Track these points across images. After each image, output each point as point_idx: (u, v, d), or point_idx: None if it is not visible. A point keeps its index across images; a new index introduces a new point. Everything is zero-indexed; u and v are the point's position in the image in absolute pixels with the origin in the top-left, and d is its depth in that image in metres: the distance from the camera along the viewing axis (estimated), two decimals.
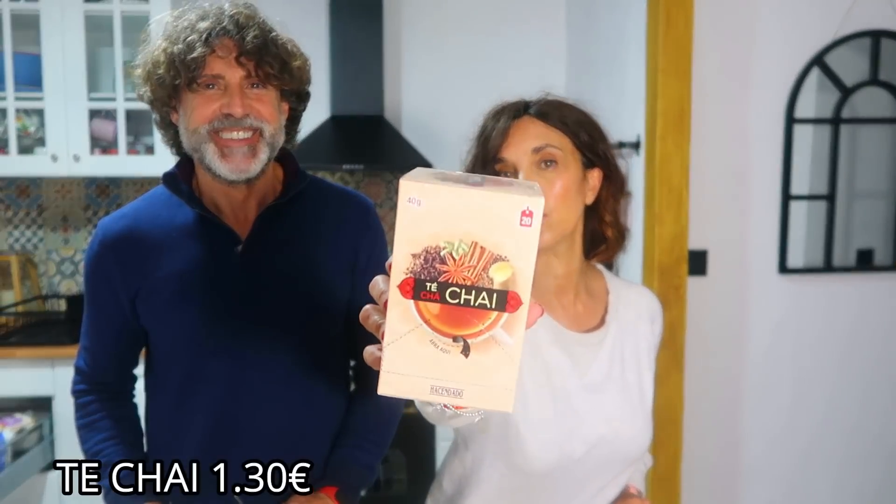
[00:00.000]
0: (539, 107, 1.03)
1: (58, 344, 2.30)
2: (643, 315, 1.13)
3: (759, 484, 2.45)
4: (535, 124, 1.01)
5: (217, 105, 1.06)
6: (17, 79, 2.46)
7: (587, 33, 2.73)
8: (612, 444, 1.04)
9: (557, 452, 1.02)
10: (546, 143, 0.99)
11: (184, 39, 1.04)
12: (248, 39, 1.05)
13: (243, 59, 1.05)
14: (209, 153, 1.07)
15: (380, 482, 2.55)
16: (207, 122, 1.06)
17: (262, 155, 1.09)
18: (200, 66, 1.03)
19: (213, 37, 1.04)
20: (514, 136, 1.00)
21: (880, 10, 2.30)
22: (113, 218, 1.19)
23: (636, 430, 1.06)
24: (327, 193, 1.25)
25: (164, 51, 1.05)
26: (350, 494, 1.20)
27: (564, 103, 1.05)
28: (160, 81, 1.07)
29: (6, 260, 2.74)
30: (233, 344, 1.15)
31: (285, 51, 1.10)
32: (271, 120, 1.09)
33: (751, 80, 2.31)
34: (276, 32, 1.11)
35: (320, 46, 2.81)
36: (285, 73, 1.09)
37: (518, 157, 0.99)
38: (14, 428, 2.19)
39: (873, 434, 2.46)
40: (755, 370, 2.40)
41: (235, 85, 1.06)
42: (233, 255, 1.15)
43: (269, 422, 1.17)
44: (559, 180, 0.99)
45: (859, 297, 2.41)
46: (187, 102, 1.08)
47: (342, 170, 2.84)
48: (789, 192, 2.33)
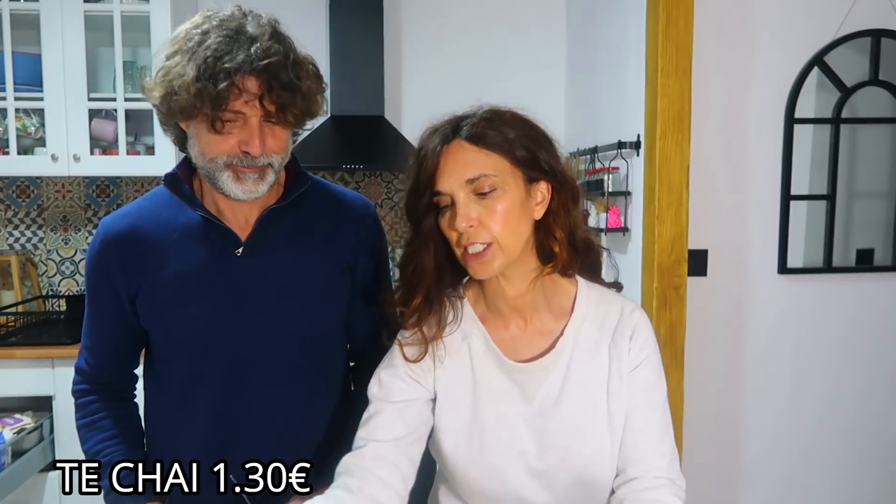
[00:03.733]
0: (469, 128, 0.98)
1: (58, 344, 2.30)
2: (622, 333, 1.05)
3: (758, 484, 2.45)
4: (464, 150, 0.97)
5: (235, 141, 1.05)
6: (17, 79, 2.46)
7: (587, 33, 2.73)
8: (558, 473, 1.02)
9: (500, 479, 1.02)
10: (479, 174, 0.95)
11: (209, 69, 1.00)
12: (275, 86, 1.02)
13: (266, 101, 1.03)
14: (224, 178, 1.08)
15: None
16: (225, 156, 1.06)
17: (269, 178, 1.10)
18: (224, 101, 1.01)
19: (243, 71, 1.01)
20: (447, 165, 0.97)
21: (880, 10, 2.30)
22: (114, 217, 1.19)
23: (588, 455, 1.02)
24: (328, 195, 1.25)
25: (188, 79, 1.01)
26: None
27: (498, 117, 0.99)
28: (180, 107, 1.04)
29: (6, 260, 2.74)
30: (232, 345, 1.15)
31: (310, 92, 1.08)
32: (281, 151, 1.10)
33: (751, 80, 2.31)
34: (301, 63, 1.07)
35: (320, 46, 2.81)
36: (306, 117, 1.09)
37: (452, 187, 0.96)
38: (14, 428, 2.19)
39: (872, 433, 2.46)
40: (755, 370, 2.40)
41: (256, 125, 1.04)
42: (233, 256, 1.15)
43: (268, 422, 1.17)
44: (499, 205, 0.95)
45: (859, 297, 2.41)
46: (203, 129, 1.06)
47: (342, 170, 2.84)
48: (789, 192, 2.33)
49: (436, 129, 1.01)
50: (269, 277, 1.16)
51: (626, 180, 2.33)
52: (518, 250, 0.99)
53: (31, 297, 2.77)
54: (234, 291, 1.14)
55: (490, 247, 0.96)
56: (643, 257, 2.22)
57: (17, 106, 2.48)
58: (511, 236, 0.97)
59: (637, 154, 2.25)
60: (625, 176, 2.34)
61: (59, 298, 2.79)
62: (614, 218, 2.33)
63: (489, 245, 0.96)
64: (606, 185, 2.36)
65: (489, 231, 0.95)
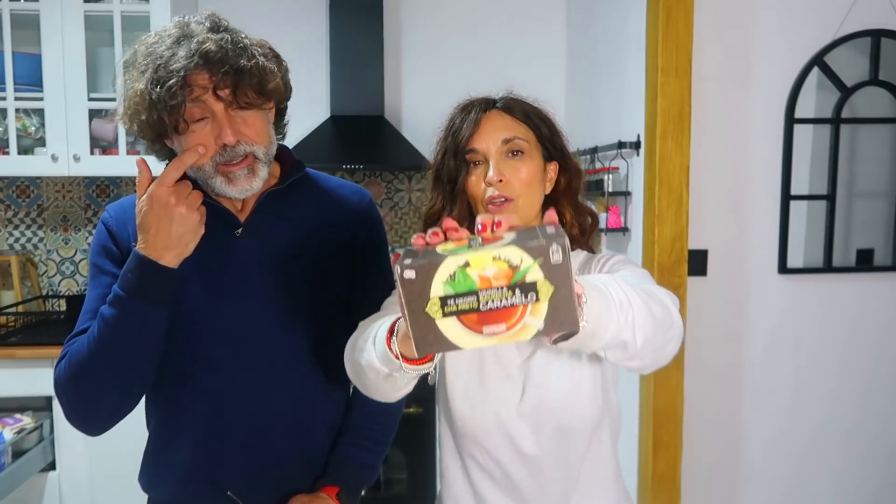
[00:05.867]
0: (505, 102, 1.12)
1: (58, 344, 2.30)
2: (594, 266, 1.11)
3: (758, 484, 2.45)
4: (502, 117, 1.10)
5: (212, 142, 1.07)
6: (17, 79, 2.46)
7: (587, 33, 2.73)
8: (539, 412, 1.06)
9: (496, 424, 1.07)
10: (514, 136, 1.08)
11: (157, 81, 1.03)
12: (221, 70, 1.04)
13: (220, 91, 1.05)
14: (217, 183, 1.10)
15: (380, 482, 2.55)
16: (209, 159, 1.07)
17: (260, 172, 1.11)
18: (181, 110, 1.04)
19: (189, 72, 1.03)
20: (485, 127, 1.09)
21: (880, 10, 2.30)
22: (119, 202, 1.22)
23: (566, 392, 1.06)
24: (325, 184, 1.28)
25: (142, 91, 1.04)
26: (351, 494, 1.20)
27: (526, 101, 1.14)
28: (147, 124, 1.07)
29: (6, 260, 2.74)
30: (230, 327, 1.15)
31: (260, 73, 1.09)
32: (261, 140, 1.10)
33: (751, 80, 2.31)
34: (245, 45, 1.09)
35: (320, 46, 2.81)
36: (262, 95, 1.10)
37: (488, 146, 1.07)
38: (14, 428, 2.19)
39: (873, 433, 2.46)
40: (755, 370, 2.40)
41: (221, 114, 1.06)
42: (232, 237, 1.16)
43: (269, 403, 1.17)
44: (524, 168, 1.07)
45: (859, 297, 2.41)
46: (182, 139, 1.08)
47: (342, 170, 2.84)
48: (789, 192, 2.33)
49: (471, 103, 1.13)
50: (268, 258, 1.17)
51: (626, 180, 2.33)
52: (530, 216, 1.08)
53: (31, 297, 2.77)
54: (233, 272, 1.15)
55: (509, 202, 1.06)
56: (643, 257, 2.22)
57: (17, 106, 2.48)
58: (529, 198, 1.08)
59: (637, 154, 2.26)
60: (625, 176, 2.34)
61: (59, 298, 2.79)
62: (614, 218, 2.32)
63: (510, 200, 1.06)
64: (606, 185, 2.36)
65: (513, 189, 1.06)
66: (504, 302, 0.67)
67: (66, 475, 2.33)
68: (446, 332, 0.68)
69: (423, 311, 0.68)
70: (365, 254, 1.25)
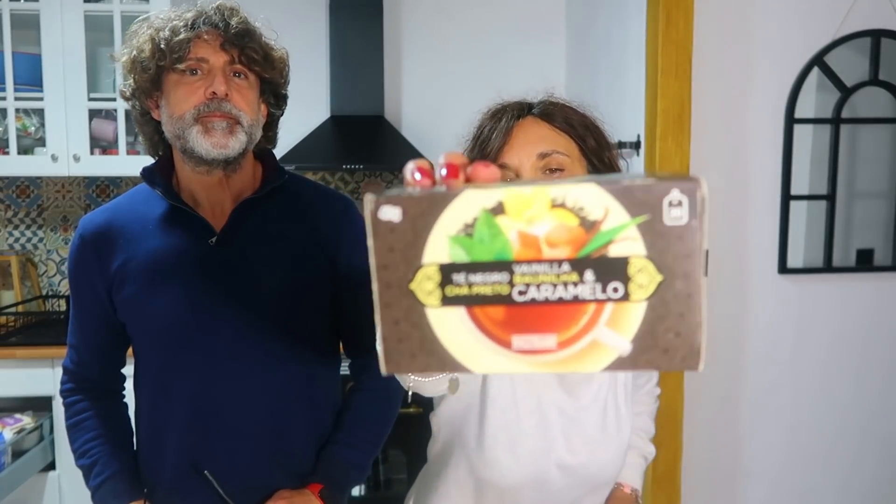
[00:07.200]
0: (543, 107, 0.94)
1: (58, 344, 2.30)
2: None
3: (759, 484, 2.45)
4: (539, 126, 0.92)
5: (202, 91, 1.09)
6: (17, 79, 2.46)
7: (587, 33, 2.73)
8: (585, 469, 1.01)
9: (533, 468, 0.98)
10: (553, 149, 0.89)
11: (169, 26, 1.08)
12: (232, 26, 1.09)
13: (227, 46, 1.09)
14: (193, 133, 1.09)
15: (380, 482, 2.55)
16: (193, 108, 1.09)
17: (240, 136, 1.11)
18: (186, 49, 1.07)
19: (199, 25, 1.09)
20: (518, 137, 0.91)
21: (880, 10, 2.30)
22: (93, 213, 1.21)
23: (609, 457, 1.01)
24: (305, 190, 1.26)
25: (151, 38, 1.09)
26: (336, 493, 1.19)
27: (569, 105, 0.96)
28: (145, 67, 1.10)
29: (6, 260, 2.74)
30: (205, 334, 1.15)
31: (266, 43, 1.16)
32: (248, 111, 1.12)
33: (751, 80, 2.31)
34: (258, 27, 1.16)
35: (320, 46, 2.81)
36: (267, 61, 1.14)
37: (521, 160, 0.89)
38: (14, 428, 2.19)
39: (873, 434, 2.46)
40: (755, 370, 2.40)
41: (219, 68, 1.09)
42: (206, 245, 1.15)
43: (247, 412, 1.17)
44: None
45: (859, 297, 2.41)
46: (171, 90, 1.10)
47: (342, 170, 2.84)
48: (789, 191, 2.33)
49: (504, 108, 0.95)
50: (243, 267, 1.16)
51: None
52: None
53: (31, 297, 2.77)
54: (207, 280, 1.14)
55: None
56: None
57: (17, 106, 2.48)
58: None
59: (637, 154, 2.26)
60: None
61: (59, 298, 2.79)
62: None
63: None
64: None
65: None
66: (561, 292, 0.38)
67: (66, 475, 2.33)
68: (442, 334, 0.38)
69: (406, 290, 0.39)
70: (350, 262, 1.21)
